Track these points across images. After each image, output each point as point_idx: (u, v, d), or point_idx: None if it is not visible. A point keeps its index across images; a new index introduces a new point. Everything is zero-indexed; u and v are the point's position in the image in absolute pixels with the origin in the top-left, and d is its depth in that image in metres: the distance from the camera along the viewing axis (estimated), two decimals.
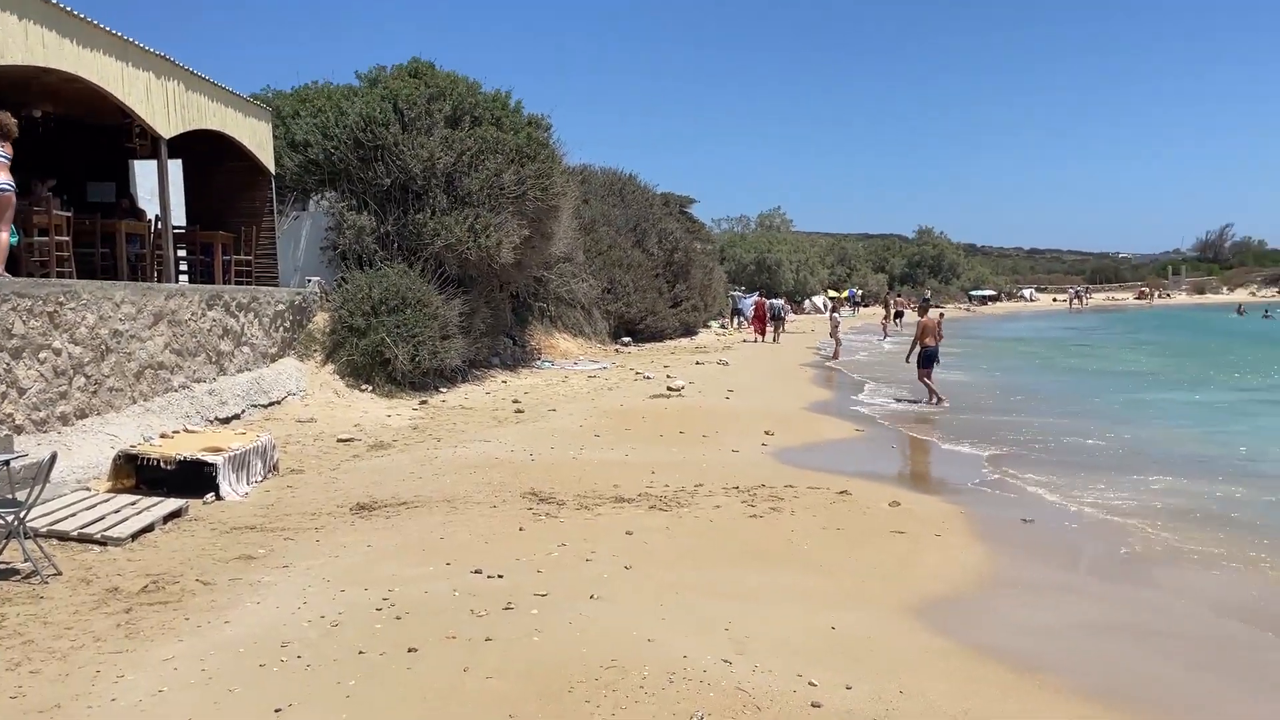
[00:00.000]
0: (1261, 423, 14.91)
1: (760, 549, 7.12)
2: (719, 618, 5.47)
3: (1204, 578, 6.73)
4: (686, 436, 12.17)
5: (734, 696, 4.40)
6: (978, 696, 4.63)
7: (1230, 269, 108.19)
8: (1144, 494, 9.41)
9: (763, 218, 77.53)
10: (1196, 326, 48.57)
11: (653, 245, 31.21)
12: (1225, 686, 4.97)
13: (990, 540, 7.66)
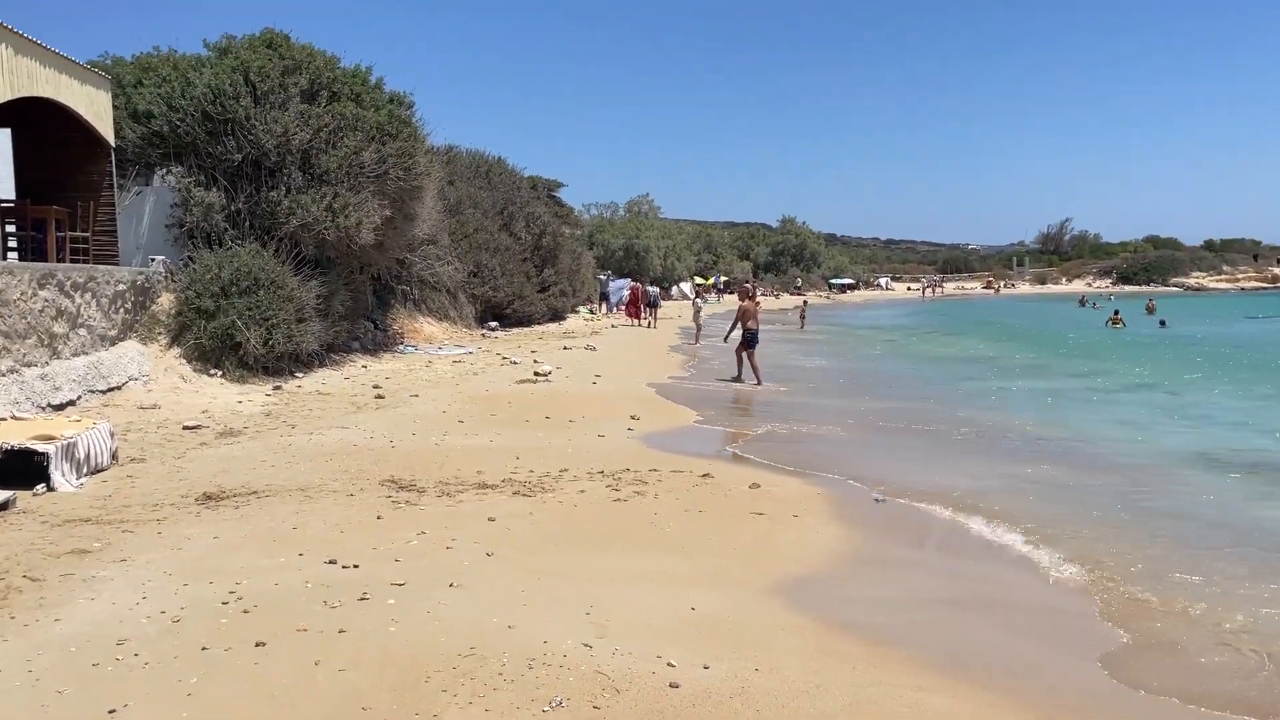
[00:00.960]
0: (1093, 409, 15.91)
1: (624, 532, 7.14)
2: (581, 602, 5.46)
3: (1038, 553, 7.11)
4: (553, 422, 12.11)
5: (593, 680, 4.40)
6: (829, 670, 4.76)
7: (1069, 261, 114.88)
8: (985, 475, 9.90)
9: (631, 204, 77.91)
10: (1038, 315, 51.44)
11: (520, 229, 30.91)
12: (1051, 652, 5.28)
13: (845, 520, 7.91)
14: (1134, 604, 6.00)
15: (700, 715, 4.16)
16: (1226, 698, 4.69)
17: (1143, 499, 8.89)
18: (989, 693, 4.66)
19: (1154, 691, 4.76)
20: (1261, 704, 4.62)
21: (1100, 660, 5.15)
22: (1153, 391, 17.96)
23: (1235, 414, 14.70)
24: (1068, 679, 4.93)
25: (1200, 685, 4.85)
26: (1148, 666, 5.08)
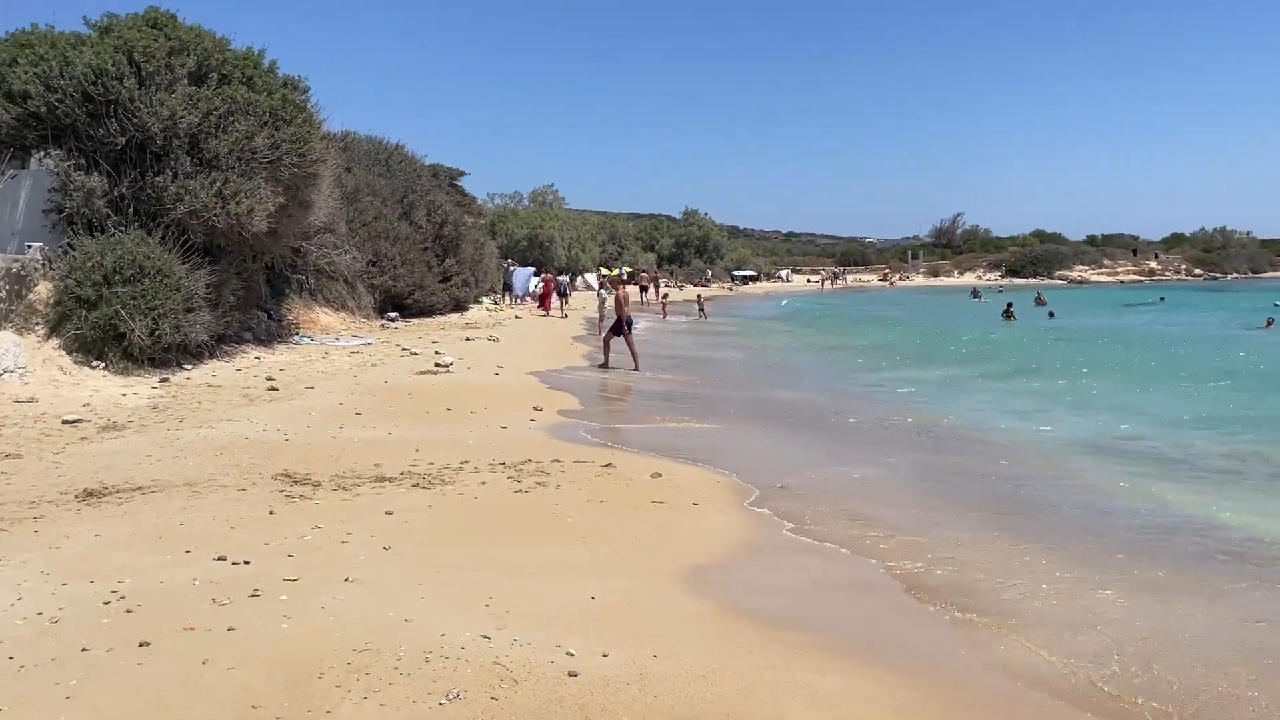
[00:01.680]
0: (979, 397, 16.50)
1: (525, 524, 7.12)
2: (480, 594, 5.43)
3: (924, 537, 7.35)
4: (454, 413, 11.97)
5: (491, 671, 4.38)
6: (726, 655, 4.85)
7: (961, 254, 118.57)
8: (874, 463, 10.18)
9: (535, 194, 77.35)
10: (932, 308, 52.98)
11: (421, 217, 30.39)
12: (931, 627, 5.47)
13: (744, 508, 8.05)
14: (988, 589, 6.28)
15: (598, 703, 4.18)
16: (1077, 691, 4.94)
17: (1020, 488, 9.27)
18: (876, 670, 4.81)
19: (1016, 676, 4.99)
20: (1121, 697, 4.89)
21: (969, 644, 5.37)
22: (1042, 380, 18.71)
23: (1118, 402, 15.44)
24: (947, 657, 5.13)
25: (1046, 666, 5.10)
26: (998, 641, 5.31)
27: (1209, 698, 4.61)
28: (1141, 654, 5.09)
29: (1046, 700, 4.61)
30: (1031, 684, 4.77)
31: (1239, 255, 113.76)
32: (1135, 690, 4.66)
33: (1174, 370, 20.15)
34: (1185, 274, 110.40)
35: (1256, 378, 18.78)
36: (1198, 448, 11.32)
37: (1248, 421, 13.17)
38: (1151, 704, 4.53)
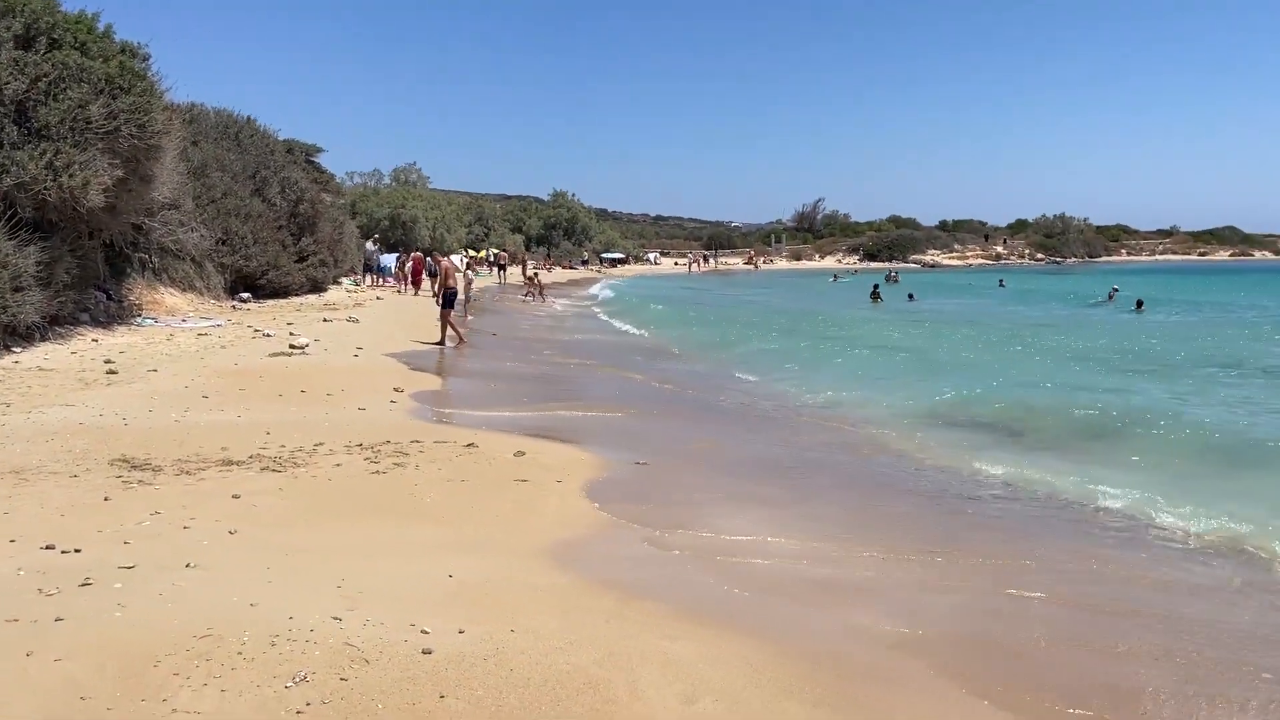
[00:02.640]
0: (837, 367, 17.04)
1: (382, 505, 6.97)
2: (332, 576, 5.28)
3: (785, 511, 7.55)
4: (309, 396, 11.59)
5: (341, 652, 4.26)
6: (585, 626, 4.86)
7: (822, 238, 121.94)
8: (734, 439, 10.40)
9: (398, 172, 75.33)
10: (795, 290, 54.35)
11: (275, 195, 29.19)
12: (778, 601, 5.63)
13: (606, 484, 8.09)
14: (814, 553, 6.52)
15: (452, 679, 4.13)
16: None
17: (868, 461, 9.64)
18: (730, 634, 4.92)
19: (859, 634, 5.19)
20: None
21: (818, 609, 5.56)
22: (908, 356, 19.45)
23: (976, 375, 16.21)
24: (797, 621, 5.29)
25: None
26: (842, 606, 5.53)
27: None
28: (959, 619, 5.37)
29: (884, 652, 4.81)
30: (873, 640, 4.97)
31: (1077, 241, 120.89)
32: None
33: (1013, 346, 21.28)
34: (1028, 258, 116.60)
35: (1093, 357, 20.01)
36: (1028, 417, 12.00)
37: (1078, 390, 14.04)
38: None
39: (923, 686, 4.51)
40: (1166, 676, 4.67)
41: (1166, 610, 5.61)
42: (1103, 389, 14.26)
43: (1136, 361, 18.27)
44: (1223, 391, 14.22)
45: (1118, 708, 4.35)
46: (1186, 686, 4.57)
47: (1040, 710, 4.31)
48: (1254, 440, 10.41)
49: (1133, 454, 9.69)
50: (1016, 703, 4.36)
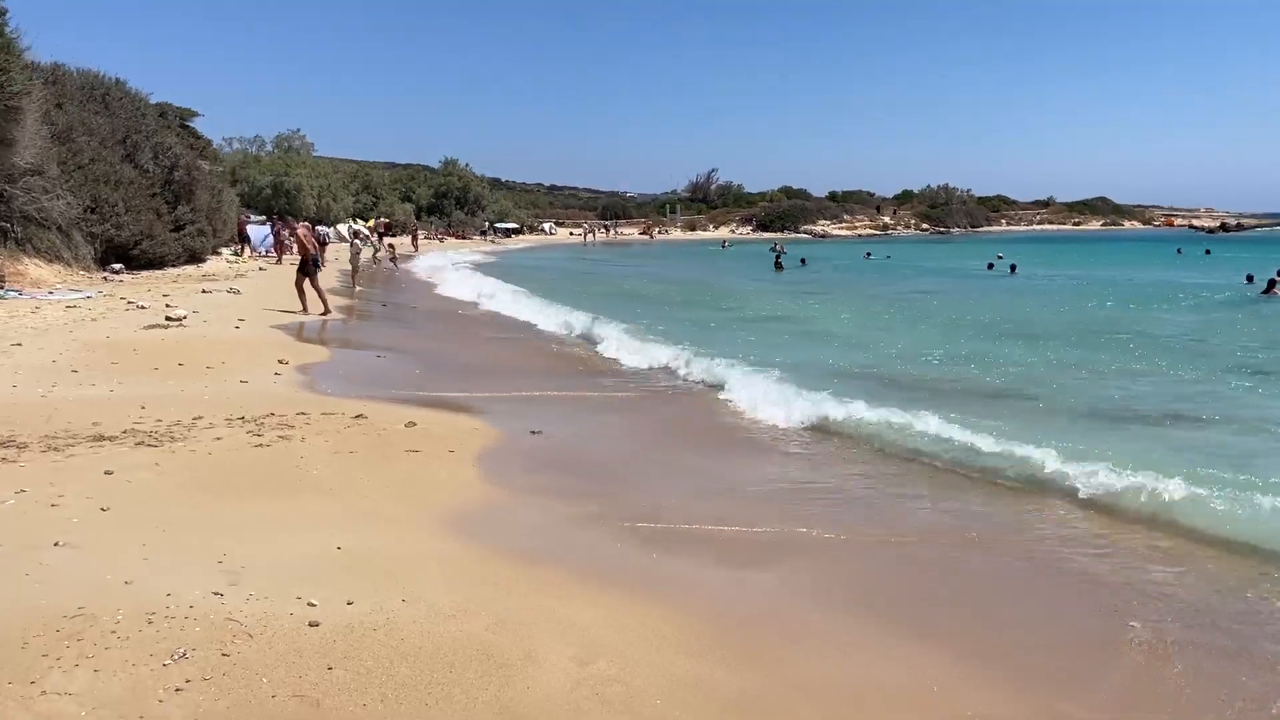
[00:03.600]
0: (730, 334, 17.26)
1: (266, 478, 6.75)
2: (213, 551, 5.10)
3: (669, 475, 7.62)
4: (188, 369, 11.13)
5: (223, 628, 4.13)
6: (478, 594, 4.83)
7: (715, 209, 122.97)
8: (626, 411, 10.44)
9: (281, 139, 72.66)
10: (689, 258, 54.70)
11: (147, 161, 27.83)
12: (677, 562, 5.70)
13: (501, 453, 8.03)
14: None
15: (341, 650, 4.04)
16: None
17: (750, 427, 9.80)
18: (629, 598, 4.95)
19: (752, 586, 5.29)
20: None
21: (700, 563, 5.65)
22: (784, 322, 19.79)
23: (850, 338, 16.62)
24: (696, 583, 5.36)
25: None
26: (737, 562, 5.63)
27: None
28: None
29: (781, 608, 4.91)
30: (770, 597, 5.07)
31: (960, 211, 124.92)
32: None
33: (901, 315, 21.91)
34: (914, 228, 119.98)
35: (968, 323, 20.73)
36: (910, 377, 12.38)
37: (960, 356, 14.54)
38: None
39: (821, 639, 4.62)
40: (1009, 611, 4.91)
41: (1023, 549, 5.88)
42: (984, 354, 14.79)
43: (1015, 328, 19.01)
44: (1101, 356, 14.87)
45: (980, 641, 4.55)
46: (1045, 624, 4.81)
47: (930, 659, 4.46)
48: (1119, 402, 10.94)
49: (1010, 410, 10.07)
50: (920, 636, 4.51)
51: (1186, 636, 4.66)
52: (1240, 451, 8.29)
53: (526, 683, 3.94)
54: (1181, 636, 4.66)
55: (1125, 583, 5.40)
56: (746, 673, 4.18)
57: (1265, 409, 10.29)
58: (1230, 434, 9.00)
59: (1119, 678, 4.27)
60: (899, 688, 4.12)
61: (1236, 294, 26.38)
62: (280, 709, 3.56)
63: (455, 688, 3.83)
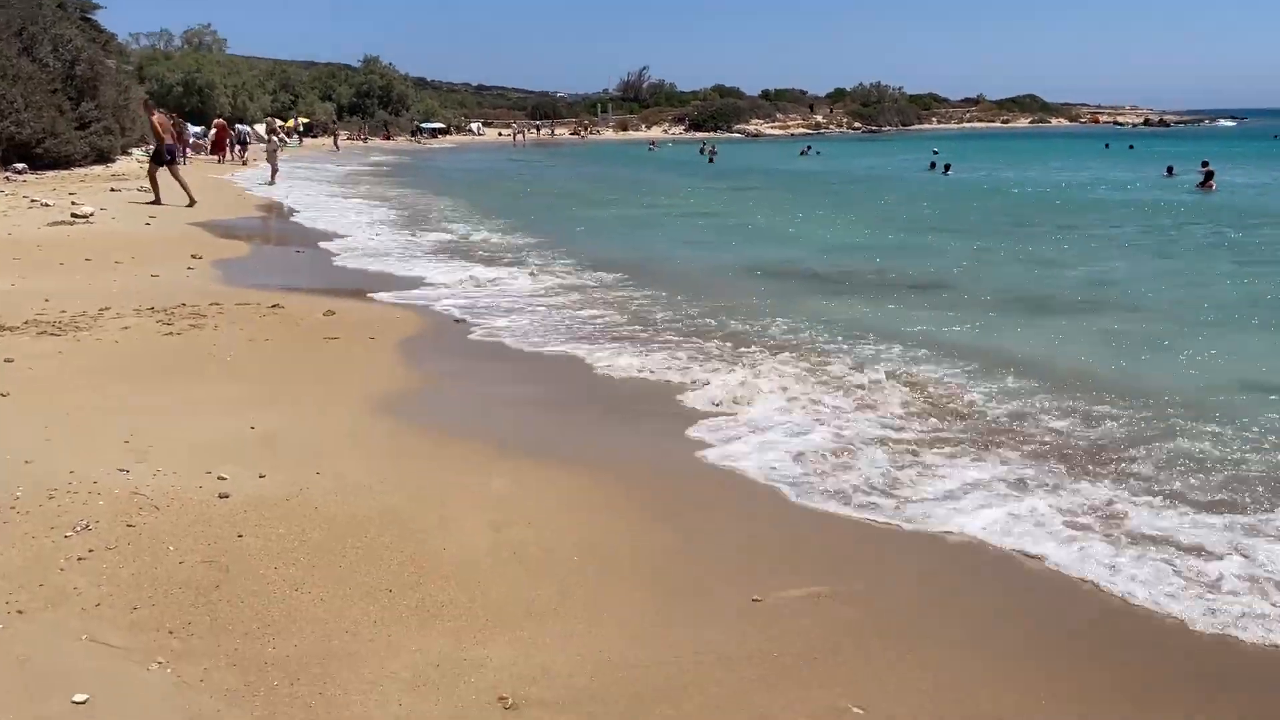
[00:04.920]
0: (666, 232, 17.15)
1: (176, 365, 6.58)
2: (119, 432, 4.97)
3: (600, 348, 7.60)
4: (95, 264, 10.73)
5: (128, 501, 4.05)
6: (395, 468, 4.79)
7: (648, 108, 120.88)
8: (558, 288, 10.36)
9: (190, 34, 69.05)
10: (620, 158, 53.95)
11: (46, 54, 26.28)
12: (599, 432, 5.71)
13: (423, 339, 7.94)
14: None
15: (252, 519, 3.99)
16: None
17: (687, 304, 9.79)
18: (546, 468, 4.96)
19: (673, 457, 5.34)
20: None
21: (629, 431, 5.68)
22: (715, 218, 19.70)
23: (782, 232, 16.63)
24: (615, 448, 5.40)
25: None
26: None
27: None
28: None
29: (700, 468, 4.97)
30: (689, 457, 5.13)
31: (891, 109, 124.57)
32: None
33: (834, 209, 21.95)
34: (847, 127, 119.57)
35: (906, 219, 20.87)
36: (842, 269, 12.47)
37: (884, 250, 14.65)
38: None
39: (741, 497, 4.69)
40: None
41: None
42: (911, 247, 14.91)
43: (942, 222, 19.17)
44: (1026, 247, 15.08)
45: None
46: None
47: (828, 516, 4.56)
48: (1038, 290, 11.14)
49: (930, 301, 10.19)
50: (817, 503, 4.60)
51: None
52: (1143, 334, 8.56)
53: (443, 544, 3.95)
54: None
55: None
56: (663, 531, 4.23)
57: (1176, 295, 10.63)
58: (1136, 321, 9.22)
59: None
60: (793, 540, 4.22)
61: (1159, 186, 26.91)
62: (188, 574, 3.51)
63: (370, 551, 3.82)
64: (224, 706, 2.77)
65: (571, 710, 2.86)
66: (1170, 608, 3.55)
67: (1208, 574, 3.78)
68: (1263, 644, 3.32)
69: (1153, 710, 3.01)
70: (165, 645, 3.05)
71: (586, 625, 3.35)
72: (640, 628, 3.35)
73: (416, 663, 3.06)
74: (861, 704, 2.93)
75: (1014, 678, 3.12)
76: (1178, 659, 3.29)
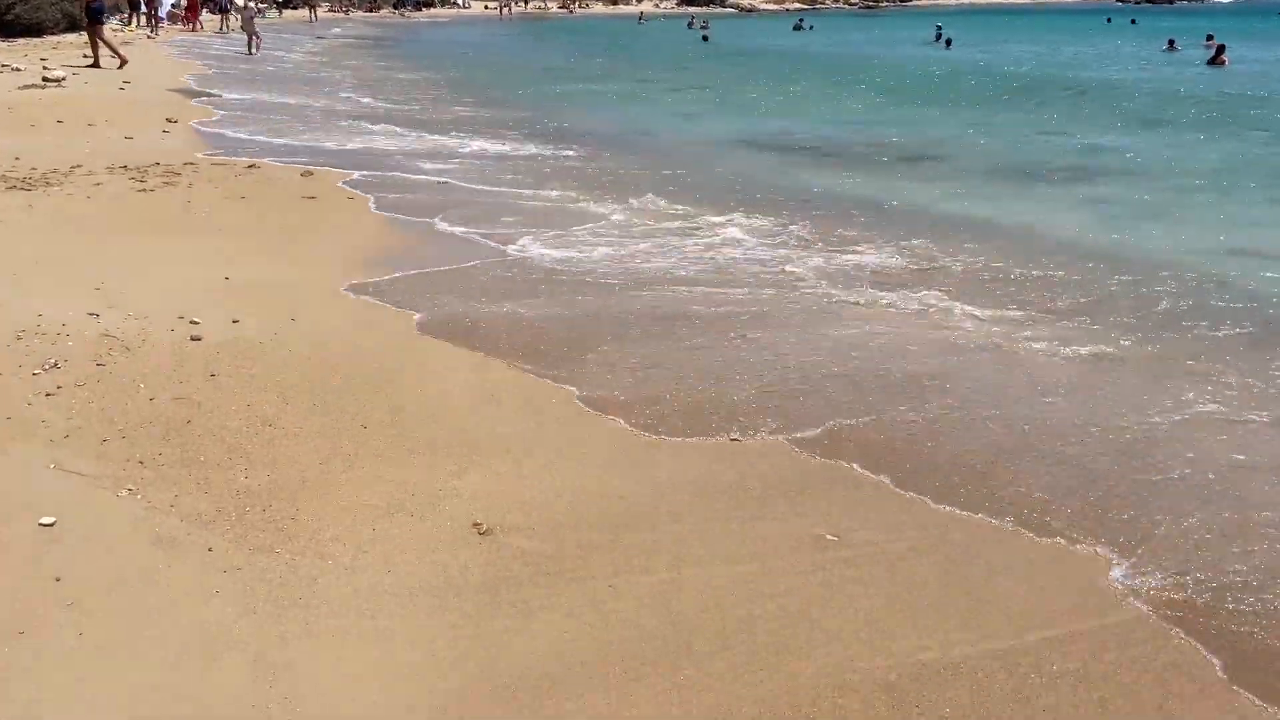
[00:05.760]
0: (657, 105, 16.70)
1: (149, 220, 6.44)
2: (90, 281, 4.88)
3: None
4: (68, 125, 10.42)
5: (99, 343, 3.98)
6: (373, 316, 4.73)
7: None
8: (554, 162, 10.11)
9: None
10: (609, 33, 52.32)
11: None
12: (571, 285, 5.62)
13: (404, 199, 7.75)
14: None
15: (226, 360, 3.93)
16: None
17: (678, 167, 9.58)
18: (508, 326, 4.88)
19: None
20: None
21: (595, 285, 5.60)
22: (707, 91, 19.18)
23: (774, 107, 16.22)
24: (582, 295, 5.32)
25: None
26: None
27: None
28: None
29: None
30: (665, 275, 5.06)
31: None
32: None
33: (834, 85, 21.38)
34: (843, 2, 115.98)
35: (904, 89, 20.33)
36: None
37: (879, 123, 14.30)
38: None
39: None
40: None
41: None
42: (908, 120, 14.56)
43: (940, 95, 18.69)
44: (1026, 118, 14.72)
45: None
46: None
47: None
48: (1032, 160, 10.91)
49: (924, 173, 9.98)
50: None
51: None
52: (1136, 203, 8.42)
53: (421, 386, 3.90)
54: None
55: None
56: (657, 375, 4.19)
57: (1172, 162, 10.42)
58: (1126, 186, 9.04)
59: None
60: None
61: (1168, 62, 26.18)
62: (159, 410, 3.46)
63: (346, 391, 3.77)
64: (194, 529, 2.75)
65: (545, 536, 2.85)
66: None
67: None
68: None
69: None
70: (135, 474, 3.02)
71: (565, 460, 3.33)
72: (619, 464, 3.33)
73: (391, 493, 3.04)
74: (835, 532, 2.93)
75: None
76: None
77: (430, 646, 2.32)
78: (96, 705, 2.08)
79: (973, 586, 2.67)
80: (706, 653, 2.34)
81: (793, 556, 2.78)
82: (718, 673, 2.27)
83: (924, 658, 2.35)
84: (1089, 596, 2.63)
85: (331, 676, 2.20)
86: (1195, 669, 2.35)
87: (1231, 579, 2.71)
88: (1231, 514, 3.05)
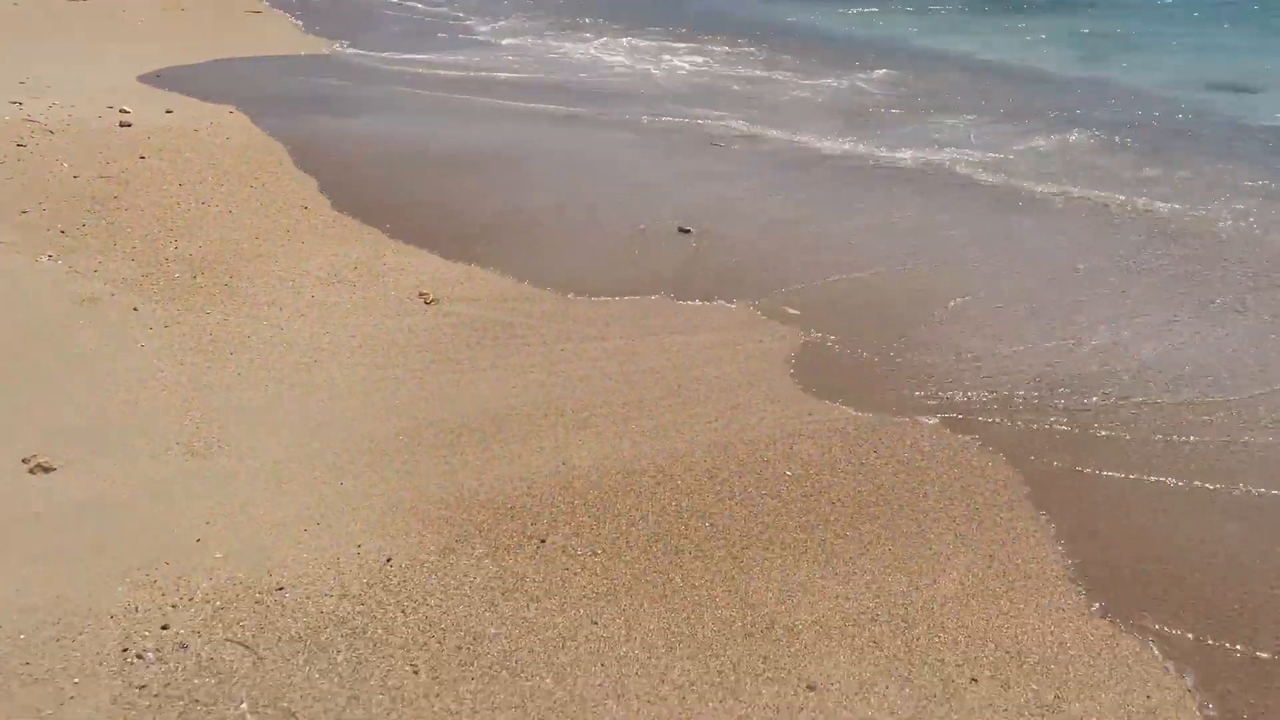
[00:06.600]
0: None
1: (77, 25, 6.09)
2: (13, 75, 4.57)
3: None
4: None
5: (19, 126, 3.74)
6: (318, 108, 4.46)
7: None
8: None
9: None
10: None
11: None
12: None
13: (339, 12, 7.34)
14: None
15: (156, 144, 3.70)
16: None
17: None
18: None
19: None
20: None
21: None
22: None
23: None
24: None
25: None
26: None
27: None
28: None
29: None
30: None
31: None
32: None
33: None
34: None
35: None
36: None
37: None
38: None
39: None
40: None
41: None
42: None
43: None
44: None
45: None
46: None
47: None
48: None
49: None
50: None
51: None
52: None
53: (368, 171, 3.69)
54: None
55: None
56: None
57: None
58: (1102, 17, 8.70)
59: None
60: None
61: None
62: (83, 187, 3.25)
63: (286, 171, 3.57)
64: (119, 291, 2.59)
65: (495, 305, 2.72)
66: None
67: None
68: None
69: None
70: (57, 241, 2.84)
71: (521, 244, 3.17)
72: (576, 256, 3.18)
73: (334, 264, 2.88)
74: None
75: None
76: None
77: (369, 396, 2.21)
78: (13, 428, 1.96)
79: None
80: (658, 402, 2.24)
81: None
82: (670, 421, 2.18)
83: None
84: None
85: (260, 420, 2.08)
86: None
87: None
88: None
